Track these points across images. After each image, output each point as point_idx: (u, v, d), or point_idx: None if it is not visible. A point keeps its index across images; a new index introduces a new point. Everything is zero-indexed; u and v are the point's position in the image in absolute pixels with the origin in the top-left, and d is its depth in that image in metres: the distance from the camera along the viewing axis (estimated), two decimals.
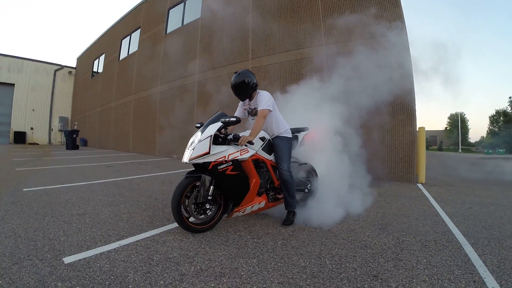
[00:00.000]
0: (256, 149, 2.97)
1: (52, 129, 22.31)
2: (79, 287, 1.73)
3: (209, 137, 2.61)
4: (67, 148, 16.22)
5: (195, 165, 2.72)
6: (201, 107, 10.72)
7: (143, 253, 2.25)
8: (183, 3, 12.39)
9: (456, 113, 50.29)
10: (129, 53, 15.97)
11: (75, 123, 21.31)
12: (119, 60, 16.92)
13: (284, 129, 3.15)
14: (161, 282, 1.79)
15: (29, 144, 20.61)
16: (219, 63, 10.22)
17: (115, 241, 2.50)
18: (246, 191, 2.81)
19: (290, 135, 3.19)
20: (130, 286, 1.73)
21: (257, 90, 3.12)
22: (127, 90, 15.52)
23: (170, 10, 13.09)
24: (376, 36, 6.32)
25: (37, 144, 20.97)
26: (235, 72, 3.07)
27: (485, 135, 45.86)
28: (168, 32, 13.06)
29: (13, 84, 20.52)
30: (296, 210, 3.14)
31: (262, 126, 2.90)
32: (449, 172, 9.52)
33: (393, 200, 4.40)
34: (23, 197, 4.10)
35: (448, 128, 55.38)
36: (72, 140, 16.31)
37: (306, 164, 3.54)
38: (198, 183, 2.66)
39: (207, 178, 2.64)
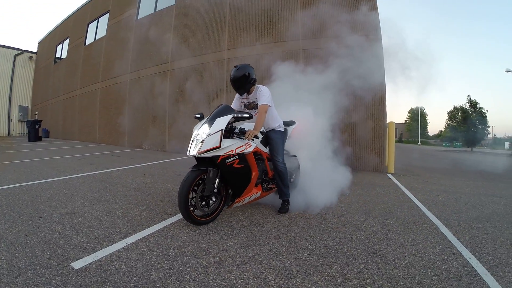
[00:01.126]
0: (257, 142, 3.07)
1: (11, 120, 20.29)
2: None
3: (220, 131, 2.58)
4: (29, 140, 14.93)
5: (198, 158, 2.69)
6: (173, 96, 10.35)
7: (156, 250, 2.19)
8: None
9: (416, 107, 53.79)
10: (96, 39, 14.82)
11: (36, 112, 19.56)
12: (85, 46, 15.65)
13: (278, 123, 3.26)
14: (188, 277, 1.77)
15: None
16: (194, 52, 9.87)
17: (120, 240, 2.39)
18: (248, 182, 2.88)
19: (283, 129, 3.32)
20: (158, 285, 1.67)
21: (256, 85, 3.15)
22: (94, 77, 14.48)
23: None
24: (350, 28, 6.43)
25: None
26: (235, 66, 3.05)
27: (443, 129, 49.50)
28: (139, 17, 12.29)
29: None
30: (289, 199, 3.30)
31: (263, 121, 2.93)
32: (412, 163, 10.26)
33: (369, 188, 4.76)
34: (22, 200, 3.69)
35: (408, 121, 58.78)
36: (35, 131, 15.03)
37: (295, 156, 3.75)
38: (204, 176, 2.66)
39: (213, 171, 2.65)
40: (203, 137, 2.57)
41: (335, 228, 2.77)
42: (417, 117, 48.41)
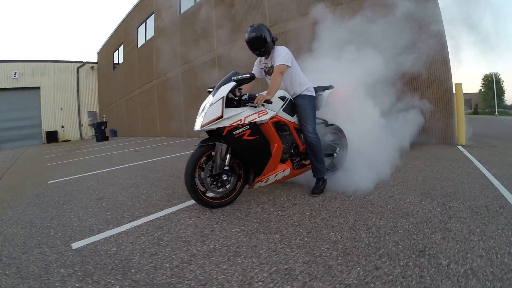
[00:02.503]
0: (276, 110, 2.68)
1: (82, 125, 23.33)
2: (80, 273, 1.60)
3: (221, 99, 2.35)
4: (97, 141, 16.90)
5: (209, 132, 2.52)
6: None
7: (154, 233, 2.10)
8: None
9: (490, 73, 47.29)
10: (147, 40, 15.99)
11: (104, 115, 22.11)
12: (138, 48, 17.04)
13: (306, 87, 2.88)
14: (167, 265, 1.61)
15: (62, 141, 21.72)
16: (238, 35, 9.82)
17: (127, 222, 2.39)
18: (267, 158, 2.57)
19: (313, 94, 2.92)
20: (132, 270, 1.57)
21: (275, 46, 2.82)
22: (149, 76, 15.70)
23: None
24: None
25: (69, 140, 22.07)
26: (251, 26, 2.76)
27: None
28: (182, 12, 12.79)
29: (39, 87, 21.49)
30: (326, 177, 2.88)
31: (279, 83, 2.64)
32: (487, 133, 8.64)
33: (433, 163, 3.89)
34: (47, 189, 4.16)
35: (482, 89, 51.76)
36: (101, 132, 16.94)
37: (333, 125, 3.25)
38: (213, 153, 2.45)
39: (223, 146, 2.42)
40: (206, 108, 2.39)
41: (376, 214, 2.18)
42: (492, 85, 41.45)
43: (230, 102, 2.45)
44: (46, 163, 7.93)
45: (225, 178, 2.48)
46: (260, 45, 2.72)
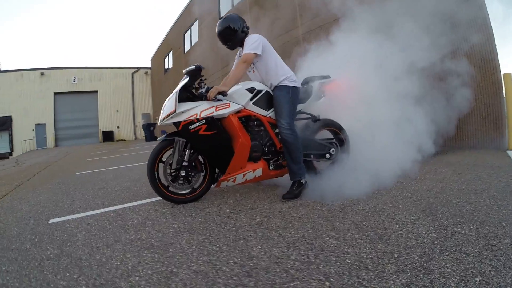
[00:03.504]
0: (242, 103, 2.58)
1: (136, 126, 25.79)
2: (37, 239, 2.08)
3: (175, 94, 2.45)
4: (146, 140, 18.61)
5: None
6: None
7: (110, 219, 2.43)
8: None
9: None
10: (192, 45, 17.27)
11: (156, 117, 24.15)
12: (185, 53, 18.46)
13: (284, 77, 2.65)
14: (93, 244, 1.90)
15: (117, 141, 24.27)
16: (277, 33, 10.02)
17: (100, 208, 2.82)
18: (229, 155, 2.51)
19: (293, 84, 2.67)
20: (68, 244, 1.96)
21: (248, 35, 2.70)
22: None
23: None
24: None
25: (124, 140, 24.53)
26: (220, 18, 2.74)
27: None
28: (221, 15, 13.60)
29: (96, 91, 24.48)
30: (304, 181, 2.61)
31: (240, 74, 2.53)
32: None
33: (465, 170, 3.15)
34: (70, 179, 4.98)
35: None
36: (150, 132, 18.66)
37: (329, 121, 2.96)
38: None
39: (180, 141, 2.49)
40: (165, 103, 2.52)
41: (338, 231, 1.77)
42: None
43: (191, 96, 2.53)
44: (88, 158, 9.14)
45: (183, 174, 2.53)
46: (229, 37, 2.65)
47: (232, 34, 2.63)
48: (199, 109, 2.44)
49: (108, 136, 24.43)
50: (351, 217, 2.00)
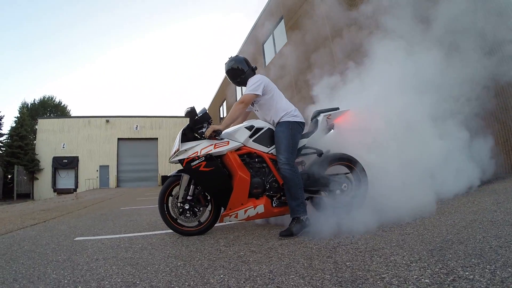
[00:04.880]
0: (241, 140, 2.79)
1: None
2: (56, 250, 2.54)
3: (179, 134, 2.81)
4: None
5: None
6: None
7: (120, 242, 2.79)
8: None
9: None
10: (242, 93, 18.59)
11: None
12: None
13: (284, 113, 2.81)
14: (94, 257, 2.32)
15: None
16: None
17: (119, 234, 3.25)
18: (230, 191, 2.70)
19: (293, 119, 2.80)
20: (72, 256, 2.40)
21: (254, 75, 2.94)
22: None
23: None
24: None
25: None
26: (229, 58, 3.05)
27: None
28: (267, 64, 14.51)
29: (156, 138, 27.17)
30: (305, 218, 2.55)
31: (236, 114, 2.77)
32: None
33: (510, 198, 2.79)
34: (112, 212, 5.67)
35: None
36: None
37: (341, 154, 2.94)
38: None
39: (185, 177, 2.76)
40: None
41: (312, 270, 1.64)
42: None
43: (197, 136, 2.81)
44: (139, 198, 10.04)
45: (187, 207, 2.76)
46: (236, 75, 2.93)
47: (236, 74, 2.92)
48: (200, 147, 2.71)
49: (166, 180, 26.36)
50: (337, 256, 1.83)
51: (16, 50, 66.65)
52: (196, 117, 2.77)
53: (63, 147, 25.10)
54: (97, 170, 25.23)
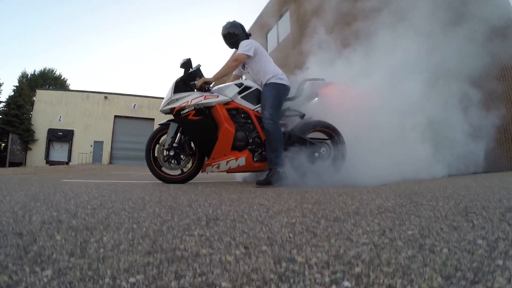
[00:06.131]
0: (230, 95, 3.00)
1: None
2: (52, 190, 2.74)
3: (172, 85, 2.98)
4: None
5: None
6: None
7: (105, 185, 3.05)
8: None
9: None
10: None
11: None
12: None
13: (271, 75, 3.04)
14: (76, 190, 2.55)
15: None
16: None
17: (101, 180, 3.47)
18: (215, 140, 2.88)
19: (279, 81, 3.03)
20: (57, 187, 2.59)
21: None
22: None
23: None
24: None
25: None
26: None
27: None
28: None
29: (153, 119, 27.15)
30: (282, 171, 2.76)
31: (228, 69, 3.06)
32: None
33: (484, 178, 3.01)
34: (104, 174, 5.81)
35: None
36: None
37: (322, 122, 3.15)
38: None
39: (173, 125, 2.93)
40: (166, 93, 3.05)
41: (283, 200, 1.73)
42: None
43: (187, 88, 2.99)
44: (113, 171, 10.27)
45: (172, 154, 2.92)
46: (230, 37, 3.18)
47: (231, 36, 3.18)
48: (191, 98, 2.90)
49: None
50: (307, 194, 1.97)
51: (20, 17, 65.60)
52: (191, 69, 2.97)
53: (59, 120, 25.10)
54: (91, 145, 25.30)
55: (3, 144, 25.16)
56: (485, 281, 0.59)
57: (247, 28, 3.28)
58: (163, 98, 3.18)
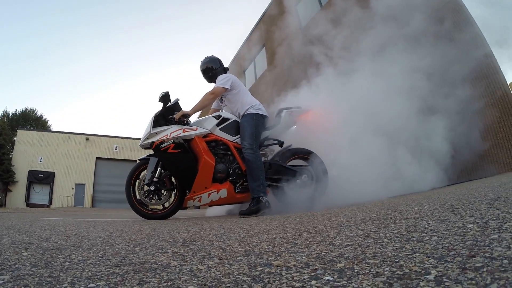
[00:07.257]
0: (208, 127, 3.02)
1: None
2: (25, 222, 2.64)
3: (151, 119, 2.99)
4: None
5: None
6: None
7: (86, 222, 2.99)
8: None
9: None
10: None
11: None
12: None
13: (249, 106, 3.13)
14: (59, 230, 2.44)
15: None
16: None
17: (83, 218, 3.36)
18: (195, 173, 2.86)
19: (257, 111, 3.10)
20: (34, 221, 2.51)
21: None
22: None
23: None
24: None
25: None
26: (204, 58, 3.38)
27: None
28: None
29: (135, 161, 26.85)
30: (265, 200, 2.73)
31: (205, 102, 3.08)
32: None
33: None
34: (85, 214, 5.61)
35: None
36: None
37: (303, 149, 3.20)
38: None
39: (152, 159, 2.92)
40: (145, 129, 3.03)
41: (265, 224, 1.74)
42: None
43: (166, 122, 3.01)
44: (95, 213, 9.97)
45: (152, 189, 2.88)
46: (208, 71, 3.28)
47: (208, 73, 3.29)
48: (169, 131, 2.91)
49: None
50: (290, 218, 1.91)
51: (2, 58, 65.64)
52: (169, 103, 3.03)
53: (40, 161, 24.50)
54: (72, 188, 24.58)
55: None
56: (483, 253, 0.60)
57: (225, 64, 3.40)
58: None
